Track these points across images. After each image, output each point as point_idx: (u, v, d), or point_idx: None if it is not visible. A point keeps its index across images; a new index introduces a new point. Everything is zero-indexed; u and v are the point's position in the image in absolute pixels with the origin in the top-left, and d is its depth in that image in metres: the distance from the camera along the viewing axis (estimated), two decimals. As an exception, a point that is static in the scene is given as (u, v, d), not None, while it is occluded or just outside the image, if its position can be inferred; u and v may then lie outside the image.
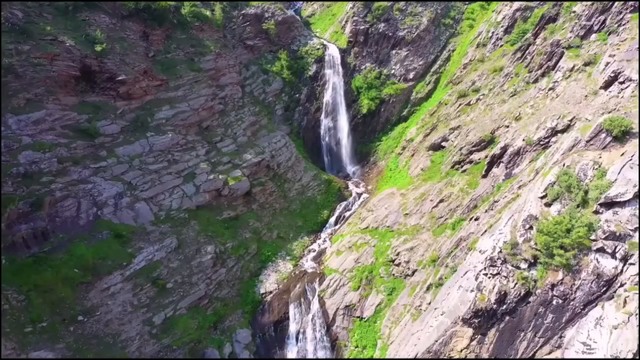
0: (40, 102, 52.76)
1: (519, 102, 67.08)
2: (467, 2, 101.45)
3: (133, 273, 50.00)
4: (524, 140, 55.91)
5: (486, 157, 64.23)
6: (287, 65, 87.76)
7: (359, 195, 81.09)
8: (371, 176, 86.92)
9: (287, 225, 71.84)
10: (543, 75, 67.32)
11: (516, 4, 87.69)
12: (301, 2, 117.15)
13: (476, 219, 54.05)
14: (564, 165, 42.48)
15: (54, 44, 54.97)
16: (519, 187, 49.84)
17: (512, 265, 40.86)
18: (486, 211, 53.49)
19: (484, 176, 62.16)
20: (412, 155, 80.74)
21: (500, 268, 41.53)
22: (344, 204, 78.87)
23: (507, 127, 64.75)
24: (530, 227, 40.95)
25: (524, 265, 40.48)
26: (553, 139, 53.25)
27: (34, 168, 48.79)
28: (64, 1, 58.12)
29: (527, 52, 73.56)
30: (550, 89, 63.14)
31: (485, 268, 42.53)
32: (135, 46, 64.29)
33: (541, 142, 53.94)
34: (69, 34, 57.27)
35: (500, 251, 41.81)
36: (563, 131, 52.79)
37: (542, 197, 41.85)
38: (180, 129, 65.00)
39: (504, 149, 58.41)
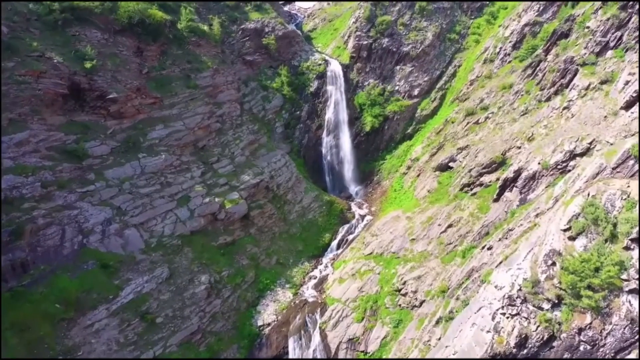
0: (24, 122, 49.49)
1: (531, 122, 63.81)
2: (472, 17, 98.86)
3: (120, 307, 46.27)
4: (539, 163, 52.47)
5: (497, 179, 60.88)
6: (288, 81, 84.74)
7: (362, 217, 77.49)
8: (375, 197, 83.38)
9: (287, 249, 68.18)
10: (556, 93, 64.15)
11: (524, 19, 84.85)
12: (302, 16, 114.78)
13: (489, 248, 50.36)
14: (588, 194, 38.95)
15: (41, 60, 51.89)
16: (537, 216, 46.25)
17: (534, 306, 37.14)
18: (500, 240, 49.84)
19: (496, 200, 58.67)
20: (418, 175, 77.28)
21: (520, 308, 37.81)
22: (346, 226, 75.26)
23: (519, 148, 61.41)
24: (553, 264, 37.31)
25: (546, 306, 36.77)
26: (572, 163, 49.84)
27: (14, 193, 45.34)
28: (56, 10, 55.08)
29: (538, 68, 70.53)
30: (565, 108, 59.89)
31: (503, 307, 38.80)
32: (128, 62, 61.24)
33: (559, 166, 50.50)
34: (57, 50, 54.27)
35: (520, 289, 38.11)
36: (582, 154, 49.40)
37: (565, 230, 38.25)
38: (175, 150, 61.72)
39: (518, 173, 54.95)
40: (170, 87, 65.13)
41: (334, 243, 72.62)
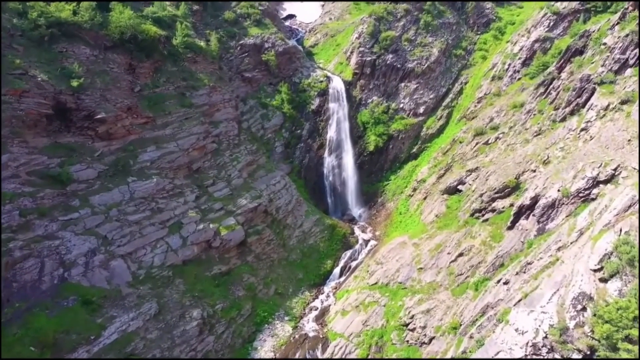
0: (4, 145, 45.81)
1: (546, 143, 60.13)
2: (478, 33, 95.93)
3: (102, 349, 42.04)
4: (559, 190, 48.57)
5: (511, 205, 57.00)
6: (288, 98, 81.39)
7: (366, 242, 73.49)
8: (379, 220, 79.44)
9: (286, 278, 64.12)
10: (572, 113, 60.61)
11: (534, 35, 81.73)
12: (303, 32, 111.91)
13: (505, 283, 46.29)
14: (620, 230, 35.06)
15: (24, 78, 48.41)
16: (559, 249, 42.26)
17: (562, 357, 33.01)
18: (517, 274, 45.78)
19: (510, 228, 54.69)
20: (425, 198, 73.44)
21: (546, 358, 33.68)
22: (349, 252, 71.24)
23: (534, 171, 57.61)
24: (583, 309, 33.27)
25: (577, 356, 32.64)
26: (594, 191, 45.97)
27: (-11, 224, 41.57)
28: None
29: (551, 87, 67.12)
30: (582, 130, 56.21)
31: (527, 356, 34.65)
32: (118, 80, 57.83)
33: (580, 194, 46.61)
34: (42, 67, 50.88)
35: (546, 336, 33.99)
36: (607, 182, 45.55)
37: (595, 270, 34.28)
38: (167, 172, 58.04)
39: (535, 200, 51.04)
40: (164, 105, 61.70)
41: (336, 270, 68.59)
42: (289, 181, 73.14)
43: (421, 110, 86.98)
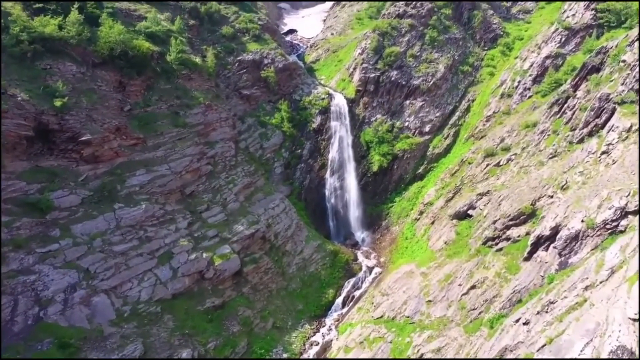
0: (-23, 170, 42.10)
1: (563, 166, 56.22)
2: (485, 49, 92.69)
3: (79, 399, 37.92)
4: (582, 221, 44.52)
5: (527, 234, 52.96)
6: (288, 117, 77.88)
7: (370, 269, 69.33)
8: (384, 244, 75.30)
9: (285, 309, 59.91)
10: (590, 134, 56.74)
11: (545, 51, 78.32)
12: (304, 47, 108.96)
13: (525, 323, 42.00)
14: (662, 273, 31.06)
15: (2, 98, 44.71)
16: (586, 288, 38.08)
17: (600, 421, 28.81)
18: (538, 313, 41.52)
19: (527, 259, 50.52)
20: (432, 222, 69.38)
21: (581, 421, 29.45)
22: (352, 280, 67.09)
23: (552, 197, 53.63)
24: (624, 365, 29.16)
25: (617, 421, 28.43)
26: (623, 222, 41.93)
27: (-44, 259, 37.62)
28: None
29: (565, 106, 63.41)
30: (603, 153, 52.28)
31: (557, 417, 30.43)
32: (107, 99, 54.23)
33: (607, 226, 42.55)
34: (24, 85, 47.31)
35: (580, 396, 29.85)
36: (636, 212, 41.50)
37: (635, 320, 30.18)
38: (158, 197, 54.13)
39: (555, 230, 46.95)
40: (156, 125, 58.04)
41: (339, 300, 64.44)
42: (289, 204, 69.24)
43: (427, 128, 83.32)
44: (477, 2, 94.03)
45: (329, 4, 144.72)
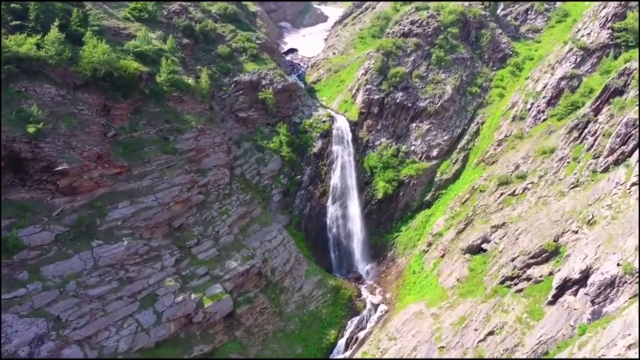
0: None
1: (587, 198, 51.38)
2: (494, 69, 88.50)
3: None
4: (618, 264, 39.58)
5: (550, 273, 48.00)
6: (287, 140, 73.29)
7: (375, 306, 63.94)
8: (389, 278, 69.98)
9: (283, 354, 54.49)
10: (616, 163, 52.21)
11: (559, 72, 74.01)
12: (305, 66, 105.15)
13: (556, 383, 36.77)
14: None
15: (-32, 124, 40.24)
16: (629, 347, 32.93)
17: None
18: (571, 372, 36.32)
19: (552, 303, 45.50)
20: (442, 256, 64.22)
21: None
22: (356, 319, 61.68)
23: (576, 232, 48.71)
24: None
25: None
26: (667, 268, 36.92)
27: None
28: None
29: (586, 131, 59.02)
30: (633, 185, 47.50)
31: None
32: (88, 124, 49.58)
33: (649, 272, 37.57)
34: (-6, 110, 42.67)
35: None
36: (682, 257, 36.56)
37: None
38: (142, 232, 49.16)
39: (586, 273, 41.92)
40: (142, 152, 53.34)
41: (341, 342, 59.07)
42: (287, 236, 64.23)
43: (434, 153, 78.60)
44: (485, 20, 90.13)
45: (330, 23, 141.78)
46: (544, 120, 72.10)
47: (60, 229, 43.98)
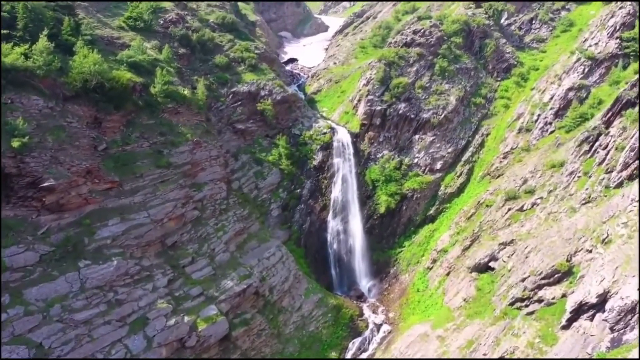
0: None
1: (600, 215, 48.92)
2: (498, 79, 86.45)
3: None
4: (639, 290, 37.01)
5: (563, 295, 45.35)
6: (287, 153, 71.05)
7: (378, 327, 61.34)
8: (393, 296, 67.37)
9: (281, 379, 51.84)
10: (631, 178, 49.96)
11: (567, 82, 71.94)
12: (305, 77, 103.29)
13: (575, 418, 34.13)
14: None
15: (-51, 138, 38.00)
16: (655, 381, 30.41)
17: None
18: (591, 405, 33.69)
19: (566, 327, 42.84)
20: (448, 274, 61.71)
21: None
22: (358, 340, 59.16)
23: (590, 252, 46.19)
24: None
25: None
26: (692, 294, 34.42)
27: None
28: None
29: (597, 144, 56.74)
30: (650, 202, 45.08)
31: None
32: (78, 137, 47.22)
33: (673, 298, 35.08)
34: (-23, 123, 40.46)
35: None
36: None
37: None
38: (133, 251, 46.72)
39: (603, 298, 39.38)
40: (135, 166, 51.01)
41: (343, 365, 56.31)
42: (286, 252, 61.81)
43: (438, 165, 76.31)
44: (489, 30, 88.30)
45: (330, 33, 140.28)
46: (552, 132, 69.95)
47: (45, 248, 41.51)
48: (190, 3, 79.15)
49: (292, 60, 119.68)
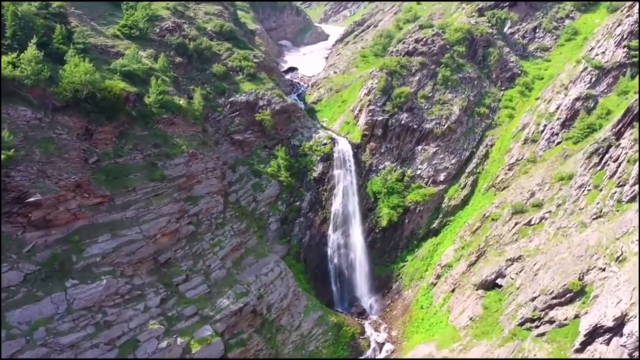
0: None
1: (613, 231, 46.83)
2: (502, 89, 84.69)
3: None
4: (660, 313, 34.89)
5: (576, 316, 43.09)
6: (286, 164, 69.03)
7: (381, 346, 59.10)
8: (395, 313, 65.07)
9: (279, 402, 49.46)
10: (644, 192, 47.66)
11: (574, 92, 70.09)
12: (305, 86, 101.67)
13: None
14: None
15: None
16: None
17: None
18: None
19: (580, 351, 40.60)
20: (452, 290, 59.55)
21: None
22: (360, 361, 56.76)
23: (604, 270, 44.09)
24: None
25: None
26: None
27: None
28: None
29: (607, 156, 54.70)
30: (666, 217, 42.99)
31: None
32: (67, 149, 45.24)
33: (697, 323, 32.90)
34: (-40, 135, 38.50)
35: None
36: None
37: None
38: (124, 269, 44.52)
39: (621, 321, 37.19)
40: (127, 180, 48.91)
41: (344, 387, 53.94)
42: (285, 268, 59.62)
43: (441, 177, 74.34)
44: (492, 39, 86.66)
45: (331, 42, 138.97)
46: (558, 143, 68.06)
47: (30, 267, 39.34)
48: (187, 11, 77.49)
49: (292, 69, 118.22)
